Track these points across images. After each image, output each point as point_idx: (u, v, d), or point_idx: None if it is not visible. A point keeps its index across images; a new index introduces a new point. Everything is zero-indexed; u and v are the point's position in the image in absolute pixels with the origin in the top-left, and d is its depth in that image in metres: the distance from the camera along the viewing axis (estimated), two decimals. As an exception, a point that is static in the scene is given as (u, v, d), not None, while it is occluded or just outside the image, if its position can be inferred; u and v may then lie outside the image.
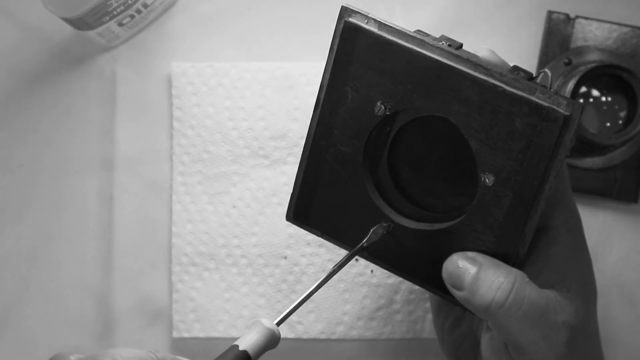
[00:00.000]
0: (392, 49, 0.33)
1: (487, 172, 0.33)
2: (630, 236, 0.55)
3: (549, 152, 0.32)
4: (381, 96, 0.34)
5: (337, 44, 0.35)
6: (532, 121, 0.32)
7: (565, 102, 0.31)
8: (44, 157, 0.56)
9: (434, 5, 0.57)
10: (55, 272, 0.55)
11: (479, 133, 0.33)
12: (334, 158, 0.36)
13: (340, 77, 0.35)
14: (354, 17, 0.35)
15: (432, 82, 0.33)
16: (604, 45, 0.55)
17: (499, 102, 0.32)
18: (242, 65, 0.55)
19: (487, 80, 0.32)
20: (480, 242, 0.35)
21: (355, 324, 0.52)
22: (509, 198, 0.33)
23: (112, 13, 0.52)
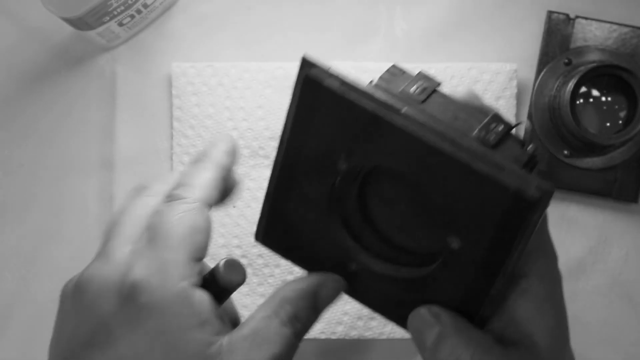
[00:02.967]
0: (353, 109, 0.31)
1: (453, 235, 0.31)
2: (630, 236, 0.55)
3: (515, 232, 0.30)
4: (344, 151, 0.32)
5: (299, 95, 0.32)
6: (498, 200, 0.30)
7: (535, 184, 0.29)
8: (44, 157, 0.56)
9: (434, 5, 0.57)
10: (55, 272, 0.55)
11: (444, 200, 0.31)
12: (299, 198, 0.35)
13: (302, 125, 0.33)
14: (314, 71, 0.31)
15: (395, 147, 0.31)
16: (604, 45, 0.55)
17: (465, 177, 0.30)
18: (242, 65, 0.55)
19: (453, 155, 0.30)
20: (446, 296, 0.34)
21: (355, 324, 0.52)
22: (475, 264, 0.32)
23: (112, 13, 0.52)
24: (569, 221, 0.55)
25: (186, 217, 0.33)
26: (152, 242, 0.32)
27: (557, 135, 0.54)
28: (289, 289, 0.34)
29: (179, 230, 0.32)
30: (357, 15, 0.57)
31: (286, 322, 0.33)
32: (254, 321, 0.33)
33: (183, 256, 0.32)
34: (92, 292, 0.32)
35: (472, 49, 0.56)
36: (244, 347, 0.32)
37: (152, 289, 0.31)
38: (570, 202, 0.55)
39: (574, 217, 0.55)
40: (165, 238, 0.32)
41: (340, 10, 0.57)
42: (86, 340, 0.32)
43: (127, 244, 0.33)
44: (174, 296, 0.31)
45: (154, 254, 0.32)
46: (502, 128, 0.31)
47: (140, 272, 0.31)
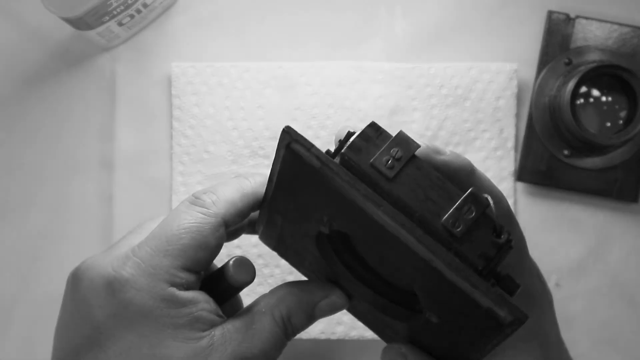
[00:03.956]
0: (333, 188, 0.29)
1: (432, 312, 0.31)
2: (631, 236, 0.55)
3: (486, 337, 0.29)
4: (326, 216, 0.32)
5: (280, 165, 0.31)
6: (471, 310, 0.29)
7: (506, 310, 0.28)
8: (44, 157, 0.56)
9: (434, 5, 0.57)
10: (55, 272, 0.55)
11: (423, 287, 0.31)
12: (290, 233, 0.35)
13: (285, 189, 0.32)
14: (296, 144, 0.29)
15: (374, 232, 0.29)
16: (604, 45, 0.55)
17: (440, 282, 0.29)
18: (242, 65, 0.55)
19: (429, 261, 0.28)
20: (427, 341, 0.34)
21: (355, 324, 0.52)
22: (454, 336, 0.32)
23: (112, 13, 0.52)
24: (569, 221, 0.55)
25: (196, 228, 0.32)
26: (153, 241, 0.32)
27: (557, 135, 0.54)
28: (291, 292, 0.34)
29: (183, 240, 0.32)
30: (357, 15, 0.57)
31: (280, 322, 0.34)
32: (249, 315, 0.33)
33: (177, 265, 0.32)
34: (85, 282, 0.32)
35: (473, 49, 0.56)
36: (237, 340, 0.32)
37: (138, 288, 0.31)
38: (571, 202, 0.55)
39: (574, 217, 0.55)
40: (166, 242, 0.32)
41: (341, 10, 0.57)
42: (79, 333, 0.32)
43: (135, 242, 0.33)
44: (161, 299, 0.31)
45: (149, 256, 0.32)
46: (474, 213, 0.29)
47: (130, 271, 0.31)
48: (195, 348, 0.31)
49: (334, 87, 0.55)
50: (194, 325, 0.32)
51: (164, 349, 0.31)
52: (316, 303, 0.35)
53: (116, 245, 0.34)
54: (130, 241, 0.33)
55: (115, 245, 0.34)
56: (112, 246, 0.34)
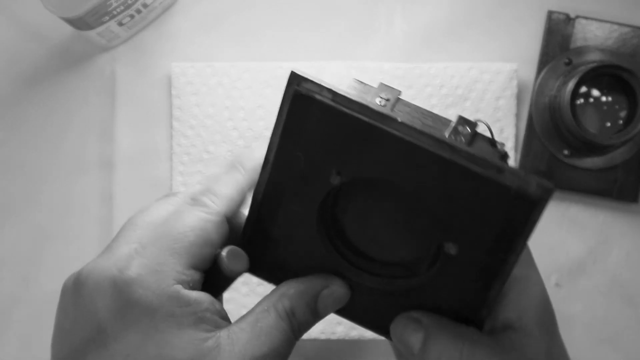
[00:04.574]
0: (349, 122, 0.31)
1: (451, 242, 0.32)
2: (631, 236, 0.55)
3: (517, 232, 0.30)
4: (336, 164, 0.32)
5: (287, 112, 0.31)
6: (499, 201, 0.30)
7: (534, 183, 0.29)
8: (44, 157, 0.56)
9: (434, 5, 0.57)
10: (55, 272, 0.55)
11: (442, 206, 0.31)
12: (285, 216, 0.34)
13: (290, 142, 0.32)
14: (305, 85, 0.31)
15: (392, 157, 0.31)
16: (604, 45, 0.55)
17: (465, 181, 0.30)
18: (242, 65, 0.55)
19: (453, 160, 0.30)
20: (439, 302, 0.34)
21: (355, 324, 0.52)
22: (472, 269, 0.32)
23: (112, 13, 0.52)
24: (569, 221, 0.55)
25: (200, 227, 0.33)
26: (158, 241, 0.32)
27: (557, 135, 0.54)
28: (290, 285, 0.35)
29: (188, 238, 0.32)
30: (357, 15, 0.57)
31: (284, 316, 0.33)
32: (252, 315, 0.33)
33: (184, 263, 0.32)
34: (89, 286, 0.32)
35: (472, 49, 0.56)
36: (243, 339, 0.32)
37: (145, 288, 0.31)
38: (571, 202, 0.55)
39: (574, 217, 0.55)
40: (172, 241, 0.32)
41: (341, 10, 0.57)
42: (82, 336, 0.32)
43: (135, 242, 0.33)
44: (167, 297, 0.31)
45: (155, 255, 0.32)
46: (470, 130, 0.32)
47: (136, 270, 0.31)
48: (202, 349, 0.31)
49: (334, 87, 0.55)
50: (199, 325, 0.31)
51: (170, 350, 0.31)
52: (317, 294, 0.34)
53: (114, 245, 0.33)
54: (128, 238, 0.33)
55: (113, 246, 0.33)
56: (108, 247, 0.34)
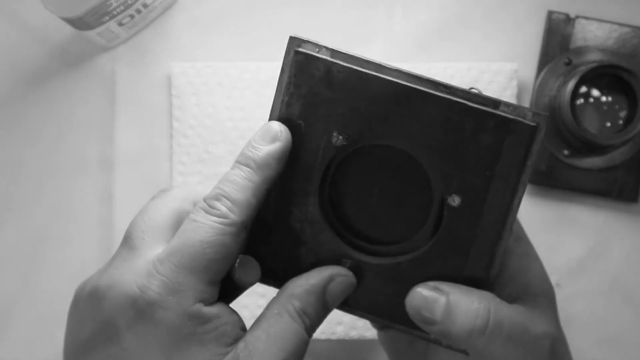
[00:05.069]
0: (348, 76, 0.32)
1: (453, 194, 0.33)
2: (631, 236, 0.55)
3: (518, 165, 0.32)
4: (337, 126, 0.33)
5: (288, 76, 0.33)
6: (499, 135, 0.32)
7: (530, 114, 0.32)
8: (44, 157, 0.56)
9: (434, 5, 0.57)
10: (55, 272, 0.55)
11: (443, 154, 0.32)
12: (285, 198, 0.34)
13: (291, 112, 0.33)
14: (304, 47, 0.33)
15: (391, 106, 0.32)
16: (604, 45, 0.55)
17: (464, 119, 0.32)
18: (242, 65, 0.55)
19: (451, 98, 0.32)
20: (449, 270, 0.34)
21: (355, 324, 0.52)
22: (478, 218, 0.33)
23: (112, 13, 0.52)
24: (569, 221, 0.55)
25: (219, 242, 0.32)
26: (175, 256, 0.31)
27: (557, 135, 0.54)
28: (296, 284, 0.34)
29: (207, 255, 0.31)
30: (357, 15, 0.57)
31: (295, 317, 0.33)
32: (264, 320, 0.33)
33: (203, 281, 0.31)
34: (109, 301, 0.31)
35: (472, 49, 0.56)
36: (260, 349, 0.32)
37: (166, 308, 0.31)
38: (571, 202, 0.55)
39: (574, 217, 0.55)
40: (190, 259, 0.31)
41: (341, 10, 0.57)
42: (103, 353, 0.31)
43: (149, 249, 0.32)
44: (189, 317, 0.31)
45: (174, 273, 0.31)
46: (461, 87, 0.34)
47: (157, 290, 0.31)
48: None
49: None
50: (220, 340, 0.31)
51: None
52: (325, 287, 0.34)
53: (126, 255, 0.33)
54: (140, 248, 0.32)
55: (126, 256, 0.33)
56: (120, 257, 0.33)
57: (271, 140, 0.33)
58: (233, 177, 0.33)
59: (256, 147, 0.33)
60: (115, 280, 0.32)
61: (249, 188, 0.33)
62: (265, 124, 0.34)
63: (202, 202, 0.33)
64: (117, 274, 0.32)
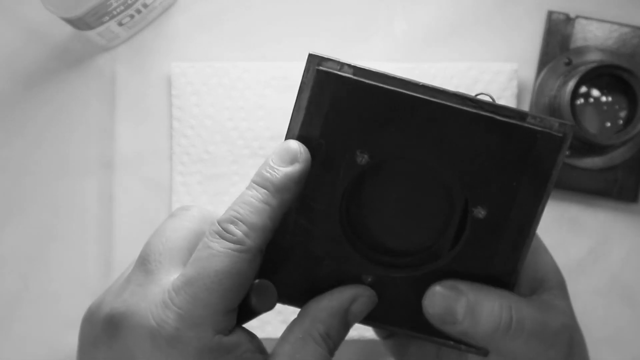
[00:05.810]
0: (372, 93, 0.32)
1: (479, 205, 0.33)
2: (631, 236, 0.55)
3: (544, 175, 0.32)
4: (360, 144, 0.32)
5: (309, 97, 0.32)
6: (526, 147, 0.32)
7: (557, 124, 0.32)
8: (44, 157, 0.56)
9: (434, 5, 0.57)
10: (55, 272, 0.55)
11: (470, 167, 0.32)
12: (304, 217, 0.34)
13: (312, 131, 0.32)
14: (325, 65, 0.32)
15: (417, 122, 0.32)
16: (604, 45, 0.55)
17: (491, 132, 0.32)
18: (242, 65, 0.55)
19: (478, 112, 0.32)
20: (469, 277, 0.34)
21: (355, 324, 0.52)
22: (502, 228, 0.33)
23: (112, 13, 0.52)
24: (569, 221, 0.55)
25: (236, 270, 0.30)
26: (191, 287, 0.30)
27: (557, 135, 0.54)
28: (320, 307, 0.33)
29: (224, 286, 0.30)
30: (357, 15, 0.57)
31: (320, 342, 0.32)
32: (288, 345, 0.32)
33: (221, 311, 0.30)
34: (126, 332, 0.30)
35: (472, 49, 0.56)
36: None
37: (186, 344, 0.30)
38: (571, 202, 0.55)
39: (574, 217, 0.55)
40: (207, 291, 0.30)
41: (341, 10, 0.57)
42: None
43: (166, 274, 0.31)
44: (209, 350, 0.30)
45: (190, 306, 0.30)
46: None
47: (174, 324, 0.30)
48: None
49: (334, 87, 0.55)
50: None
51: None
52: (347, 307, 0.33)
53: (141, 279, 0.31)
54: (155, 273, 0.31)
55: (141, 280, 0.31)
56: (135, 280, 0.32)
57: (290, 162, 0.32)
58: (249, 199, 0.32)
59: (274, 169, 0.32)
60: (132, 308, 0.31)
61: (266, 211, 0.31)
62: (284, 143, 0.32)
63: (217, 225, 0.31)
64: (133, 302, 0.31)
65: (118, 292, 0.32)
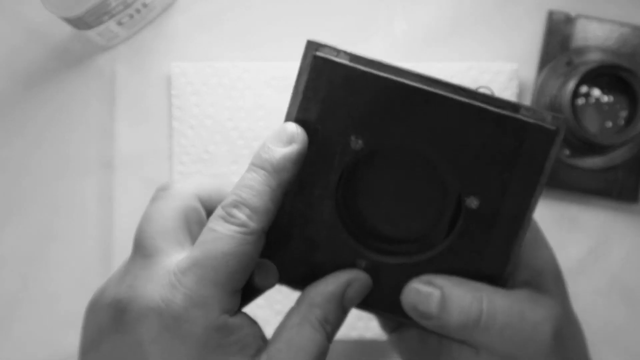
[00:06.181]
0: (367, 80, 0.33)
1: (472, 195, 0.33)
2: (631, 236, 0.55)
3: (536, 168, 0.32)
4: (355, 130, 0.33)
5: (306, 82, 0.33)
6: (518, 139, 0.32)
7: (550, 117, 0.32)
8: (44, 157, 0.56)
9: (434, 5, 0.57)
10: (55, 272, 0.55)
11: (462, 157, 0.33)
12: (301, 201, 0.34)
13: (308, 116, 0.33)
14: (322, 51, 0.33)
15: (411, 110, 0.33)
16: (604, 45, 0.55)
17: (484, 123, 0.32)
18: (242, 65, 0.55)
19: (471, 102, 0.32)
20: (463, 267, 0.34)
21: (356, 324, 0.52)
22: (495, 218, 0.33)
23: (111, 12, 0.52)
24: (569, 221, 0.55)
25: (241, 252, 0.31)
26: (197, 268, 0.31)
27: (558, 135, 0.54)
28: (316, 292, 0.34)
29: (230, 268, 0.31)
30: (357, 15, 0.57)
31: (317, 327, 0.33)
32: (285, 331, 0.32)
33: (227, 291, 0.31)
34: (132, 315, 0.31)
35: (473, 49, 0.56)
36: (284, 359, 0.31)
37: (192, 322, 0.30)
38: (571, 202, 0.55)
39: (574, 217, 0.55)
40: (213, 271, 0.31)
41: (341, 10, 0.57)
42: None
43: (166, 256, 0.32)
44: (215, 329, 0.30)
45: (197, 286, 0.30)
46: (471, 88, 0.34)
47: (181, 304, 0.30)
48: None
49: (334, 87, 0.55)
50: (244, 351, 0.31)
51: None
52: (343, 291, 0.34)
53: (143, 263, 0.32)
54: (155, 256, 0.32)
55: (144, 264, 0.32)
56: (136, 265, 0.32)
57: (287, 142, 0.33)
58: (250, 182, 0.32)
59: (272, 149, 0.33)
60: (138, 291, 0.31)
61: (267, 193, 0.32)
62: (281, 125, 0.33)
63: (221, 210, 0.32)
64: (138, 285, 0.31)
65: (120, 280, 0.32)
